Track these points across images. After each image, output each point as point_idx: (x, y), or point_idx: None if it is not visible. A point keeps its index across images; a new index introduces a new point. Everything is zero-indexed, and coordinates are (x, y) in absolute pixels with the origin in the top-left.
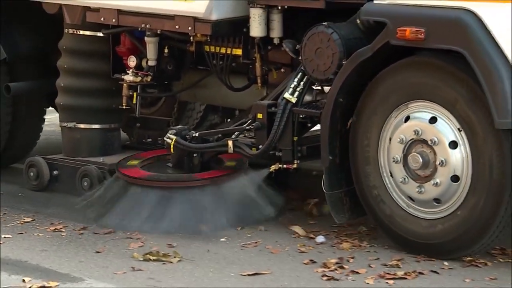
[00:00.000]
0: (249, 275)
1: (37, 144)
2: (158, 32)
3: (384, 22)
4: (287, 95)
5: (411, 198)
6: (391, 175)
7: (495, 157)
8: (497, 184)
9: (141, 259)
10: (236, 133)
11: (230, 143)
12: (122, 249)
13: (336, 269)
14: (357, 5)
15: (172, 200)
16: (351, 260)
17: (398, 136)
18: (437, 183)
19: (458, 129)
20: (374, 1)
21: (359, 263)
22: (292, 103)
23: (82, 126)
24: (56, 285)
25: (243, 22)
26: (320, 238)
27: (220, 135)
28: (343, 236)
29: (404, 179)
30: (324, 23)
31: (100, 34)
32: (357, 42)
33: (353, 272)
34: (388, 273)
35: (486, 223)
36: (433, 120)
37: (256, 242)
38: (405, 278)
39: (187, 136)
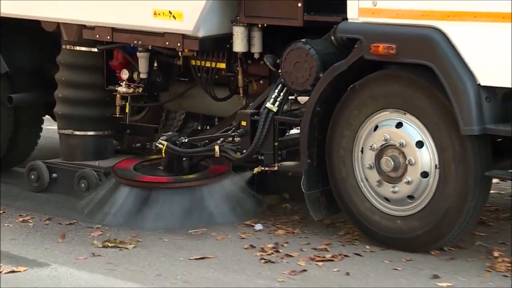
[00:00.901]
0: (196, 259)
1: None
2: (149, 48)
3: (358, 38)
4: (268, 104)
5: (367, 181)
6: (362, 152)
7: (455, 206)
8: (447, 226)
9: (101, 246)
10: (221, 139)
11: (216, 148)
12: (83, 237)
13: (272, 253)
14: (332, 23)
15: (205, 195)
16: (286, 245)
17: (384, 133)
18: (395, 191)
19: (436, 166)
20: (349, 20)
21: (292, 248)
22: (274, 112)
23: (78, 133)
24: (25, 270)
25: (227, 38)
26: (259, 226)
27: (207, 141)
28: (279, 224)
29: (371, 166)
30: (302, 40)
31: (95, 49)
32: (332, 57)
33: (287, 255)
34: (317, 256)
35: (421, 246)
36: (419, 144)
37: (202, 230)
38: (333, 260)
39: (177, 142)
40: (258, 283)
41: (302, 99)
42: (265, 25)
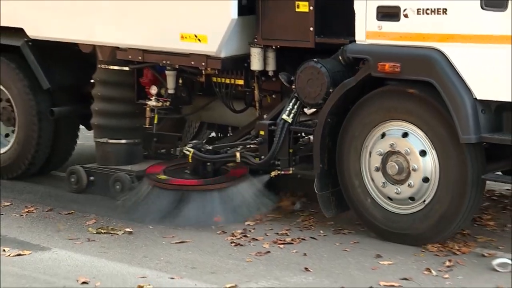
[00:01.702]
0: (176, 243)
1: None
2: (176, 67)
3: (366, 58)
4: (284, 116)
5: (369, 155)
6: (382, 137)
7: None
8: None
9: (95, 232)
10: (240, 146)
11: (238, 154)
12: (79, 225)
13: (241, 237)
14: (340, 45)
15: (233, 194)
16: (252, 231)
17: (407, 146)
18: (382, 183)
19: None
20: (357, 42)
21: (258, 233)
22: (289, 122)
23: (112, 141)
24: (29, 253)
25: (245, 58)
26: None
27: (228, 148)
28: None
29: (380, 152)
30: (314, 59)
31: (126, 68)
32: (340, 74)
33: (254, 239)
34: (279, 240)
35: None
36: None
37: None
38: (292, 243)
39: (202, 149)
40: (229, 262)
41: (308, 110)
42: (278, 46)
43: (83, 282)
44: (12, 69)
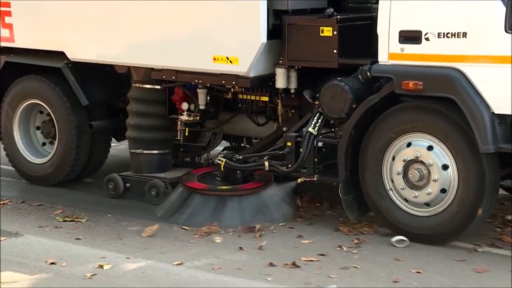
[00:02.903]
0: (131, 228)
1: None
2: (207, 85)
3: (390, 77)
4: (310, 129)
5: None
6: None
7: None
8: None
9: (62, 220)
10: (266, 156)
11: (266, 163)
12: (48, 214)
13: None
14: (360, 65)
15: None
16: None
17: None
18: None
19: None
20: (380, 63)
21: None
22: (314, 134)
23: (146, 152)
24: (4, 239)
25: (270, 77)
26: None
27: (257, 158)
28: None
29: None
30: (338, 78)
31: (159, 87)
32: (360, 91)
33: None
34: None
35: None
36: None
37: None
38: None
39: (233, 158)
40: (176, 244)
41: None
42: (300, 66)
43: (51, 263)
44: (53, 88)
